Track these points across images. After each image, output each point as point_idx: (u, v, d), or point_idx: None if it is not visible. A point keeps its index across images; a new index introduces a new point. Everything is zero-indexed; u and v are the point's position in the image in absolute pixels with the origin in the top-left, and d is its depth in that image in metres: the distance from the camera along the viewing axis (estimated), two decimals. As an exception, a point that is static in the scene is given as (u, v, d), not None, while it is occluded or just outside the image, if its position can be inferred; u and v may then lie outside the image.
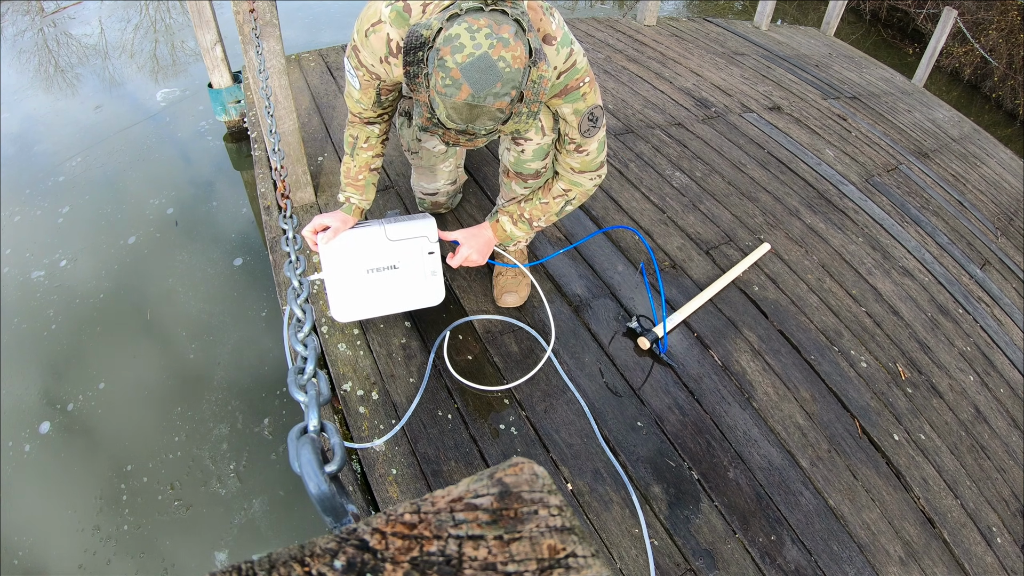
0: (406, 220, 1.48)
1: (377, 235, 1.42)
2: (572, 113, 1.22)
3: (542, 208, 1.42)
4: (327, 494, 0.38)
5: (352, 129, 1.40)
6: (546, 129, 1.32)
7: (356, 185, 1.43)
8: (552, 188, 1.41)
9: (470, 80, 0.93)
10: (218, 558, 1.71)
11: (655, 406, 1.52)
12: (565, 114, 1.23)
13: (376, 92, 1.27)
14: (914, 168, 3.26)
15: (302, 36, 4.65)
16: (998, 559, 1.46)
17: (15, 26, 4.85)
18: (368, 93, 1.27)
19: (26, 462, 1.86)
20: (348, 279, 1.42)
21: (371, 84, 1.24)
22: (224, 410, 2.03)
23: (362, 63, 1.19)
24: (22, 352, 2.16)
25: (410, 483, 1.29)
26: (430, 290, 1.51)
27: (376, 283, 1.44)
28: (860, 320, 1.98)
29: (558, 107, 1.22)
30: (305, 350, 0.55)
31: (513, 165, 1.41)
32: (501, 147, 1.45)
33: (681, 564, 1.24)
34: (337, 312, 1.44)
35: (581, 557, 0.24)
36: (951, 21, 5.04)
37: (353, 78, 1.25)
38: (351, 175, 1.43)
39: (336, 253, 1.40)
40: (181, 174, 3.08)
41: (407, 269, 1.46)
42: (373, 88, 1.25)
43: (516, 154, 1.37)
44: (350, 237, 1.41)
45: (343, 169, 1.45)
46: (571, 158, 1.32)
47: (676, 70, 3.50)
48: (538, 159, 1.37)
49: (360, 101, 1.30)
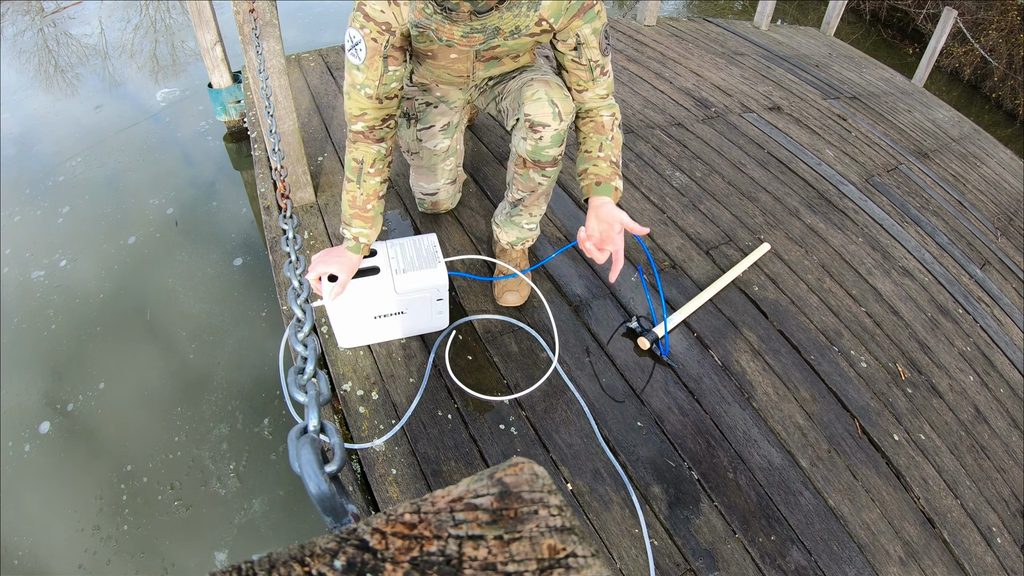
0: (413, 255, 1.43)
1: (385, 286, 1.37)
2: (592, 33, 1.22)
3: (616, 144, 1.33)
4: (327, 494, 0.38)
5: (355, 151, 1.30)
6: (563, 114, 1.31)
7: (364, 217, 1.32)
8: (602, 123, 1.33)
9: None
10: (218, 558, 1.71)
11: (655, 406, 1.52)
12: (586, 35, 1.22)
13: (383, 60, 1.19)
14: (914, 168, 3.26)
15: (302, 36, 4.65)
16: (998, 559, 1.46)
17: (15, 26, 4.85)
18: (374, 63, 1.19)
19: (26, 462, 1.86)
20: (353, 321, 1.43)
21: (377, 48, 1.18)
22: (224, 410, 2.03)
23: (369, 16, 1.14)
24: (22, 352, 2.16)
25: (410, 483, 1.29)
26: (435, 322, 1.55)
27: (382, 323, 1.46)
28: (860, 320, 1.98)
29: (578, 29, 1.22)
30: (305, 350, 0.55)
31: (531, 154, 1.37)
32: (516, 137, 1.40)
33: (681, 564, 1.24)
34: (342, 341, 1.48)
35: (581, 557, 0.24)
36: (951, 21, 5.04)
37: (356, 51, 1.18)
38: (358, 204, 1.32)
39: (341, 306, 1.37)
40: (181, 174, 3.08)
41: (413, 313, 1.47)
42: (380, 55, 1.18)
43: (534, 142, 1.35)
44: (356, 291, 1.35)
45: (347, 199, 1.33)
46: (598, 85, 1.31)
47: (676, 70, 3.51)
48: (555, 145, 1.35)
49: (365, 84, 1.22)
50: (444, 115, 1.57)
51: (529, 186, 1.47)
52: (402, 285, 1.38)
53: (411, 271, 1.40)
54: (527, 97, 1.31)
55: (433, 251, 1.44)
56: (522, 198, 1.53)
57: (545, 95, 1.29)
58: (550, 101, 1.30)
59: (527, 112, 1.32)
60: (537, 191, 1.49)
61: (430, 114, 1.56)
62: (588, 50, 1.25)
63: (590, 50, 1.25)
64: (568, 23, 1.21)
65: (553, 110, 1.30)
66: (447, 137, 1.62)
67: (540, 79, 1.33)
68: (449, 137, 1.63)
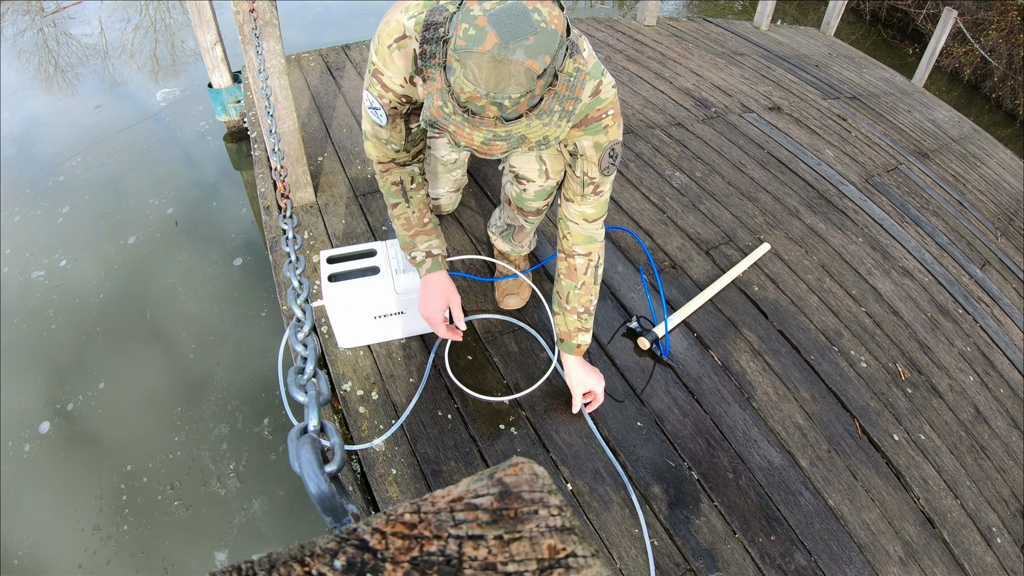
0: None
1: (385, 286, 1.38)
2: (592, 147, 1.10)
3: (585, 291, 1.29)
4: (327, 494, 0.38)
5: (391, 176, 1.25)
6: (550, 172, 1.26)
7: (426, 231, 1.27)
8: (575, 266, 1.26)
9: (498, 27, 0.76)
10: (218, 558, 1.71)
11: (655, 406, 1.52)
12: (585, 148, 1.10)
13: (405, 123, 1.15)
14: (914, 168, 3.26)
15: (302, 36, 4.65)
16: (998, 559, 1.46)
17: (15, 26, 4.85)
18: (397, 126, 1.14)
19: (26, 462, 1.86)
20: (353, 321, 1.44)
21: (399, 111, 1.12)
22: (224, 410, 2.03)
23: (387, 87, 1.06)
24: (22, 352, 2.16)
25: (410, 483, 1.29)
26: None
27: (382, 323, 1.48)
28: (860, 320, 1.98)
29: (577, 139, 1.10)
30: (305, 350, 0.55)
31: (515, 200, 1.38)
32: (505, 178, 1.37)
33: (681, 564, 1.24)
34: (342, 341, 1.49)
35: (581, 557, 0.24)
36: (951, 21, 5.04)
37: (378, 113, 1.12)
38: (414, 224, 1.26)
39: (340, 305, 1.36)
40: (181, 174, 3.08)
41: (413, 313, 1.47)
42: (401, 118, 1.13)
43: (518, 191, 1.34)
44: (356, 291, 1.35)
45: (401, 224, 1.27)
46: (586, 203, 1.19)
47: (676, 70, 3.50)
48: (539, 200, 1.34)
49: (390, 141, 1.17)
50: None
51: (517, 222, 1.49)
52: (402, 285, 1.39)
53: (411, 271, 1.40)
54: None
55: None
56: (512, 227, 1.55)
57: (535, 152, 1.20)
58: (538, 158, 1.26)
59: (512, 164, 1.30)
60: (522, 228, 1.50)
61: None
62: (585, 163, 1.13)
63: (587, 164, 1.12)
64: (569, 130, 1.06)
65: (540, 167, 1.26)
66: (456, 150, 1.62)
67: None
68: (458, 151, 1.62)
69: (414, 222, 1.26)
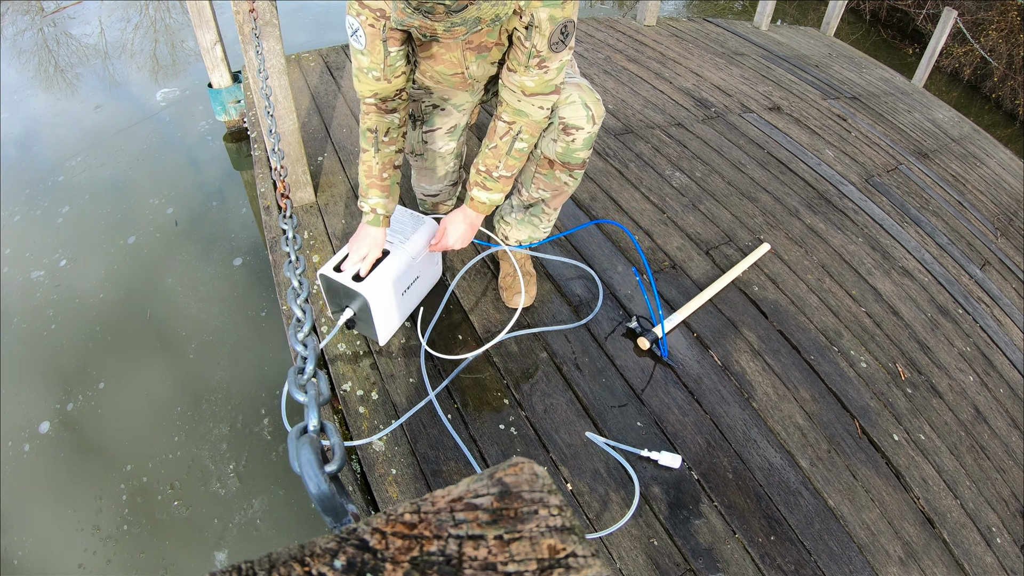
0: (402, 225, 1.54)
1: (404, 258, 1.47)
2: (548, 20, 1.13)
3: (493, 154, 1.33)
4: (327, 494, 0.38)
5: (369, 121, 1.31)
6: (595, 117, 1.33)
7: (382, 185, 1.35)
8: (494, 128, 1.31)
9: None
10: (218, 558, 1.71)
11: (655, 406, 1.52)
12: (541, 20, 1.14)
13: (383, 43, 1.19)
14: (914, 168, 3.26)
15: (302, 36, 4.65)
16: (998, 559, 1.46)
17: (15, 26, 4.85)
18: (375, 47, 1.19)
19: (26, 462, 1.86)
20: (391, 307, 1.50)
21: (376, 32, 1.17)
22: (224, 410, 2.03)
23: (363, 3, 1.14)
24: (22, 352, 2.16)
25: (410, 483, 1.29)
26: (436, 272, 1.70)
27: (405, 298, 1.56)
28: (860, 320, 1.98)
29: (535, 11, 1.13)
30: (305, 350, 0.55)
31: (561, 156, 1.38)
32: (545, 140, 1.40)
33: (681, 564, 1.24)
34: (383, 337, 1.54)
35: (581, 557, 0.24)
36: (951, 21, 5.04)
37: (357, 36, 1.19)
38: (374, 174, 1.34)
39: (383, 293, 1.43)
40: (181, 174, 3.08)
41: (424, 273, 1.60)
42: (379, 38, 1.18)
43: (565, 144, 1.36)
44: (389, 272, 1.44)
45: (363, 169, 1.35)
46: (528, 75, 1.21)
47: (676, 70, 3.51)
48: (586, 148, 1.37)
49: (371, 68, 1.23)
50: (450, 118, 1.57)
51: (554, 186, 1.48)
52: (413, 248, 1.48)
53: (411, 234, 1.50)
54: (562, 101, 1.32)
55: (410, 215, 1.57)
56: (544, 198, 1.54)
57: (579, 99, 1.31)
58: (584, 104, 1.32)
59: (562, 115, 1.34)
60: (563, 192, 1.50)
61: (436, 116, 1.56)
62: (536, 35, 1.15)
63: (539, 36, 1.15)
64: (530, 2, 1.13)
65: (587, 113, 1.32)
66: (452, 139, 1.62)
67: (572, 83, 1.34)
68: (455, 140, 1.63)
69: (375, 172, 1.34)
